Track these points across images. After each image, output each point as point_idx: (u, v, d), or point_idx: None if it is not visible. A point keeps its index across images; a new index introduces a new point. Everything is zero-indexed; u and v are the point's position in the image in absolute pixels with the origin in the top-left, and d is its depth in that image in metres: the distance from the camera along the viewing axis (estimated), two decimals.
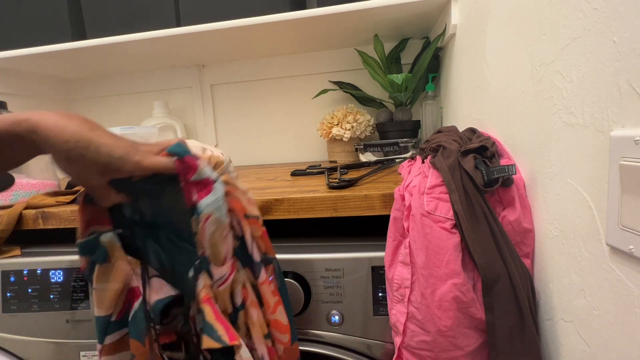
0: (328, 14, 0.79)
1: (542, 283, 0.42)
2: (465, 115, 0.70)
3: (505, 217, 0.42)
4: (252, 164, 1.23)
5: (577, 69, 0.33)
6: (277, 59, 1.16)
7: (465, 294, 0.40)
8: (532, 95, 0.41)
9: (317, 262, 0.53)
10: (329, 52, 1.12)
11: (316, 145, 1.19)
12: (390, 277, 0.46)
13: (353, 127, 0.97)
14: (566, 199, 0.36)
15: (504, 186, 0.43)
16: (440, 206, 0.42)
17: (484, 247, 0.40)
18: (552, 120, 0.37)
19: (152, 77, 1.22)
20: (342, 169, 0.76)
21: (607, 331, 0.31)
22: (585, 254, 0.33)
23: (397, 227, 0.47)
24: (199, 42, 0.93)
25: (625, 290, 0.28)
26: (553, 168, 0.38)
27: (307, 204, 0.53)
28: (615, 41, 0.28)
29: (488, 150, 0.45)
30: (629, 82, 0.27)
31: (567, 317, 0.36)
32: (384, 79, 0.98)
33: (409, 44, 1.04)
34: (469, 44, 0.66)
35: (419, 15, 0.85)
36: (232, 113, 1.22)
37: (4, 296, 0.59)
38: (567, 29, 0.34)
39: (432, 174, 0.45)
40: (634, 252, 0.26)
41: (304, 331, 0.54)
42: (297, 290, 0.52)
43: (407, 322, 0.44)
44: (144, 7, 0.88)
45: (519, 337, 0.39)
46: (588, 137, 0.32)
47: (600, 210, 0.30)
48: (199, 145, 0.87)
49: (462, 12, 0.71)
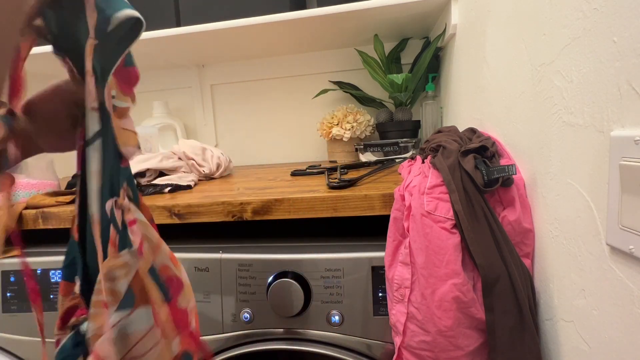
0: (328, 14, 0.79)
1: (542, 283, 0.42)
2: (465, 115, 0.70)
3: (505, 217, 0.42)
4: (252, 164, 1.23)
5: (577, 69, 0.33)
6: (277, 59, 1.16)
7: (465, 294, 0.40)
8: (532, 95, 0.41)
9: (317, 262, 0.53)
10: (329, 52, 1.12)
11: (316, 145, 1.19)
12: (390, 277, 0.46)
13: (353, 127, 0.97)
14: (566, 199, 0.36)
15: (504, 186, 0.43)
16: (440, 206, 0.42)
17: (484, 247, 0.40)
18: (552, 120, 0.37)
19: (152, 77, 1.22)
20: (342, 169, 0.76)
21: (607, 331, 0.31)
22: (585, 254, 0.33)
23: (397, 227, 0.47)
24: (199, 42, 0.93)
25: (625, 290, 0.28)
26: (553, 168, 0.38)
27: (307, 204, 0.53)
28: (615, 41, 0.28)
29: (488, 150, 0.45)
30: (629, 82, 0.27)
31: (567, 317, 0.36)
32: (384, 79, 0.98)
33: (409, 44, 1.04)
34: (469, 44, 0.66)
35: (419, 15, 0.85)
36: (232, 113, 1.22)
37: (4, 296, 0.59)
38: (567, 29, 0.34)
39: (432, 174, 0.45)
40: (634, 252, 0.26)
41: (304, 331, 0.54)
42: (297, 290, 0.52)
43: (407, 322, 0.44)
44: (144, 7, 0.88)
45: (519, 337, 0.39)
46: (588, 137, 0.32)
47: (600, 210, 0.30)
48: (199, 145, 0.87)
49: (462, 12, 0.71)
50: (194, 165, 0.82)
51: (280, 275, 0.53)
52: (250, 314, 0.54)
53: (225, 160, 0.88)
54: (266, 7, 0.82)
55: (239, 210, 0.55)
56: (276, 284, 0.52)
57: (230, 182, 0.76)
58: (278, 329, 0.54)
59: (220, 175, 0.86)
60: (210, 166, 0.84)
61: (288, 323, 0.54)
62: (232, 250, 0.56)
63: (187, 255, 0.57)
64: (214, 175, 0.85)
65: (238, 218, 0.55)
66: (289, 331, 0.54)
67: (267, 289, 0.53)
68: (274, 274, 0.54)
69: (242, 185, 0.70)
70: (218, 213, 0.55)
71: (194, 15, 0.87)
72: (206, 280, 0.56)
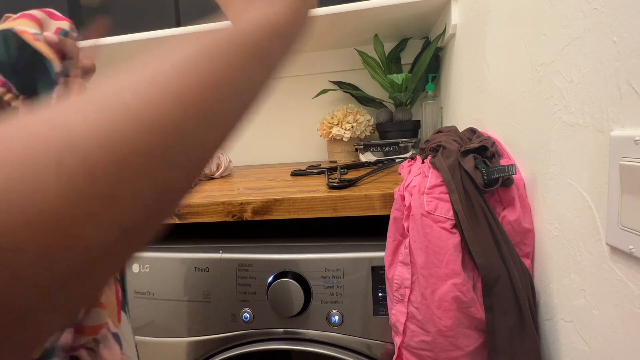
0: (328, 14, 0.79)
1: (542, 283, 0.42)
2: (465, 115, 0.70)
3: (505, 217, 0.42)
4: (252, 164, 1.23)
5: (577, 69, 0.33)
6: None
7: (465, 294, 0.40)
8: (532, 95, 0.41)
9: (317, 262, 0.53)
10: (329, 52, 1.12)
11: (316, 145, 1.19)
12: (390, 277, 0.46)
13: (353, 127, 0.97)
14: (566, 199, 0.36)
15: (504, 186, 0.43)
16: (440, 206, 0.42)
17: (484, 247, 0.40)
18: (552, 120, 0.37)
19: None
20: (342, 169, 0.76)
21: (607, 331, 0.31)
22: (585, 254, 0.33)
23: (397, 227, 0.47)
24: None
25: (625, 290, 0.28)
26: (553, 168, 0.38)
27: (307, 204, 0.53)
28: (615, 41, 0.28)
29: (488, 150, 0.45)
30: (629, 82, 0.27)
31: (567, 317, 0.36)
32: (384, 79, 0.98)
33: (409, 44, 1.04)
34: (469, 44, 0.66)
35: (419, 15, 0.85)
36: None
37: None
38: (567, 29, 0.34)
39: (432, 174, 0.45)
40: (634, 252, 0.26)
41: (304, 331, 0.54)
42: (297, 290, 0.52)
43: (407, 322, 0.44)
44: (144, 7, 0.88)
45: (519, 337, 0.39)
46: (588, 137, 0.32)
47: (600, 210, 0.30)
48: None
49: (462, 12, 0.71)
50: None
51: (280, 275, 0.53)
52: (250, 314, 0.54)
53: (225, 160, 0.88)
54: None
55: (239, 210, 0.55)
56: (276, 284, 0.52)
57: (230, 182, 0.76)
58: (278, 329, 0.54)
59: (220, 176, 0.86)
60: (210, 166, 0.84)
61: (288, 323, 0.54)
62: (232, 250, 0.56)
63: (187, 255, 0.57)
64: (214, 175, 0.85)
65: (238, 218, 0.55)
66: (288, 331, 0.54)
67: (267, 289, 0.53)
68: (274, 274, 0.54)
69: (242, 185, 0.70)
70: (218, 213, 0.55)
71: (194, 15, 0.87)
72: (206, 280, 0.56)
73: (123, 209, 0.13)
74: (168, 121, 0.15)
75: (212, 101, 0.17)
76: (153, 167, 0.14)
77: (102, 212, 0.13)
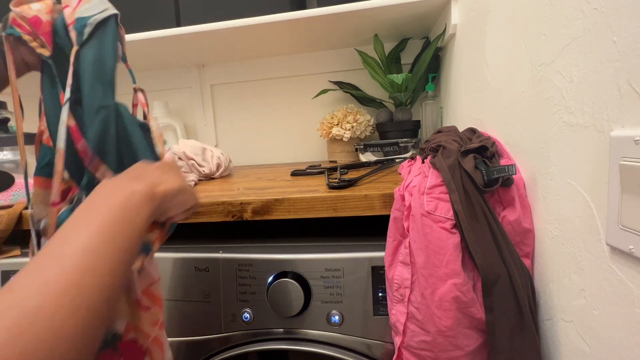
0: (328, 14, 0.79)
1: (542, 283, 0.42)
2: (465, 115, 0.70)
3: (505, 217, 0.42)
4: (252, 164, 1.23)
5: (577, 69, 0.33)
6: (277, 59, 1.15)
7: (465, 294, 0.40)
8: (532, 95, 0.41)
9: (317, 262, 0.53)
10: (329, 52, 1.12)
11: (316, 145, 1.19)
12: (390, 277, 0.46)
13: (353, 127, 0.97)
14: (566, 199, 0.36)
15: (504, 186, 0.43)
16: (440, 206, 0.42)
17: (484, 247, 0.40)
18: (552, 120, 0.37)
19: (152, 77, 1.22)
20: (342, 169, 0.76)
21: (607, 331, 0.31)
22: (585, 254, 0.33)
23: (397, 227, 0.47)
24: (199, 42, 0.93)
25: (625, 290, 0.28)
26: (553, 168, 0.38)
27: (307, 204, 0.53)
28: (615, 41, 0.28)
29: (488, 150, 0.45)
30: (629, 82, 0.27)
31: (567, 317, 0.36)
32: (384, 79, 0.98)
33: (409, 44, 1.04)
34: (469, 44, 0.66)
35: (419, 15, 0.85)
36: (232, 113, 1.22)
37: None
38: (567, 29, 0.34)
39: (432, 174, 0.45)
40: (634, 252, 0.26)
41: (304, 331, 0.54)
42: (297, 290, 0.52)
43: (407, 322, 0.44)
44: (144, 7, 0.88)
45: (519, 337, 0.39)
46: (588, 137, 0.32)
47: (600, 210, 0.30)
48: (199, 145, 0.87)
49: (462, 12, 0.71)
50: (194, 165, 0.82)
51: (280, 275, 0.53)
52: (250, 313, 0.54)
53: (225, 160, 0.88)
54: (266, 7, 0.82)
55: (239, 210, 0.55)
56: (276, 284, 0.52)
57: (231, 182, 0.76)
58: (278, 329, 0.54)
59: (220, 175, 0.86)
60: (211, 166, 0.84)
61: (288, 323, 0.54)
62: (232, 250, 0.56)
63: (187, 255, 0.57)
64: (214, 175, 0.85)
65: (238, 218, 0.55)
66: (288, 331, 0.54)
67: (267, 289, 0.53)
68: (273, 274, 0.54)
69: (242, 185, 0.70)
70: (218, 213, 0.55)
71: (194, 15, 0.87)
72: (206, 280, 0.56)
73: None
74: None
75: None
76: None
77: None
